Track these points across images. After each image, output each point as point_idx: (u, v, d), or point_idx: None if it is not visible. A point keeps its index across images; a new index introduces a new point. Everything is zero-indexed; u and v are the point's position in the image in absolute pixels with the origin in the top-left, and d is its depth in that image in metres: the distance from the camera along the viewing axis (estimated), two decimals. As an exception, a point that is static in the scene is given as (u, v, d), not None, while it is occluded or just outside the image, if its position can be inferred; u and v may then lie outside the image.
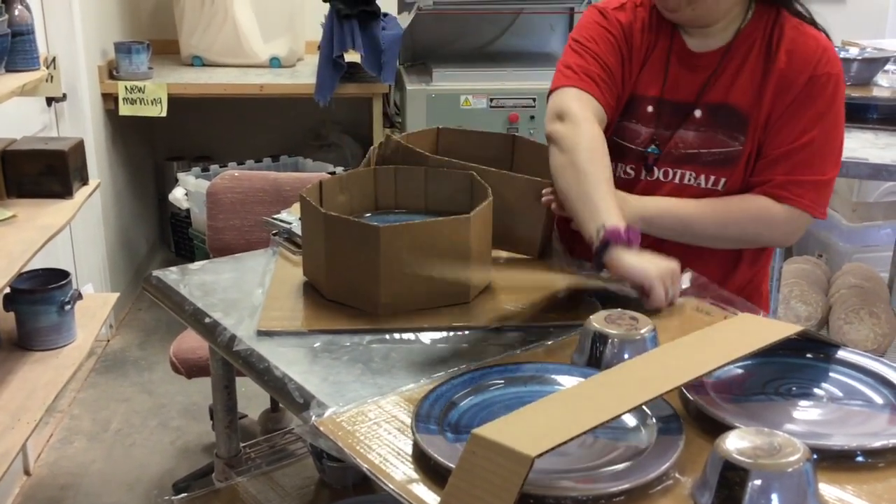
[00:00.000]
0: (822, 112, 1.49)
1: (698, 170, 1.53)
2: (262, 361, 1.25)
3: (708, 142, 1.53)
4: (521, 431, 0.90)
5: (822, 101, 1.49)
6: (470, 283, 1.38)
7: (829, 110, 1.49)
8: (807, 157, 1.49)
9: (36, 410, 1.96)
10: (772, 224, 1.51)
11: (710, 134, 1.53)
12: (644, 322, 1.18)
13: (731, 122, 1.52)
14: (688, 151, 1.54)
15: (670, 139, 1.55)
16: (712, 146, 1.53)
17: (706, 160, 1.53)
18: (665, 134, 1.56)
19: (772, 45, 1.51)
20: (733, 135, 1.52)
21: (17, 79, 2.10)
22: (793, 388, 1.12)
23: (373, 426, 1.06)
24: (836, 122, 1.51)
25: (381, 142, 1.61)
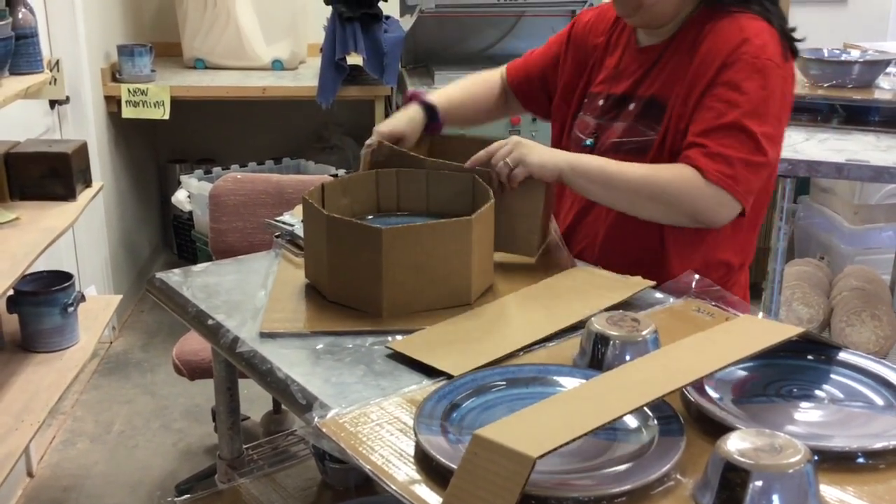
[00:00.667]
0: (738, 99, 1.47)
1: (619, 159, 1.56)
2: (265, 363, 1.25)
3: (629, 131, 1.59)
4: (523, 432, 0.90)
5: (738, 86, 1.48)
6: (472, 285, 1.38)
7: (748, 96, 1.47)
8: (728, 135, 1.48)
9: (39, 412, 1.96)
10: (693, 191, 1.46)
11: (633, 124, 1.59)
12: (646, 324, 1.18)
13: (652, 113, 1.57)
14: (612, 141, 1.61)
15: (607, 130, 1.63)
16: (632, 135, 1.59)
17: (625, 149, 1.59)
18: (604, 126, 1.64)
19: (700, 37, 1.54)
20: (651, 124, 1.57)
21: (21, 82, 2.10)
22: (794, 389, 1.13)
23: (375, 427, 1.06)
24: (760, 109, 1.47)
25: (373, 148, 1.62)
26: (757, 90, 1.48)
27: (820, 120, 2.52)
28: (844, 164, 2.17)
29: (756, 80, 1.48)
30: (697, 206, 1.47)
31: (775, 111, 1.50)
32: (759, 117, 1.48)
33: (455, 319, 1.34)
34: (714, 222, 1.50)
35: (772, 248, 2.37)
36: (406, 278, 1.34)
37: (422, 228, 1.34)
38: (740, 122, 1.47)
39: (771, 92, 1.48)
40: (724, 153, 1.47)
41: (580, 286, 1.44)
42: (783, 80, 1.52)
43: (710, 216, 1.48)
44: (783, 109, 1.53)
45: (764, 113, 1.48)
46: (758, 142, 1.47)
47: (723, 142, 1.47)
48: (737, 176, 1.46)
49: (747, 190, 1.48)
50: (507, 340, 1.26)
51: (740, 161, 1.47)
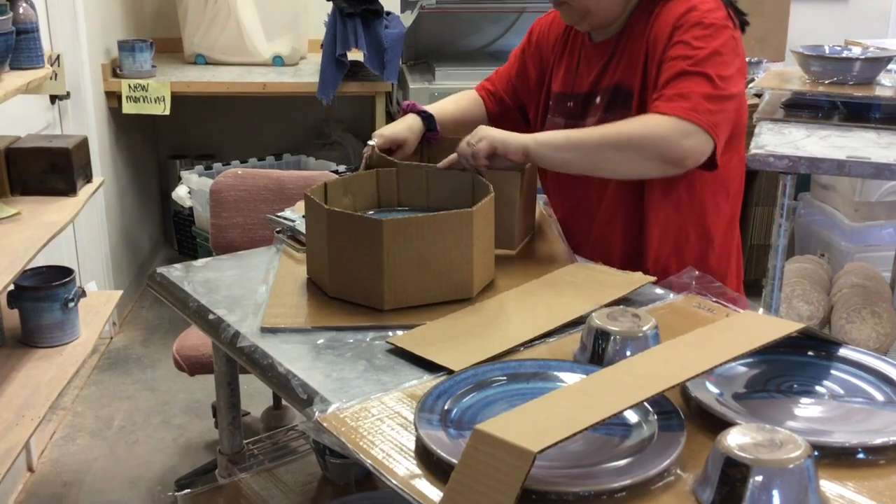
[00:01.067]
0: (690, 52, 1.49)
1: None
2: (266, 358, 1.25)
3: (600, 123, 1.59)
4: (524, 427, 0.90)
5: (688, 42, 1.50)
6: (473, 279, 1.39)
7: (699, 49, 1.49)
8: (683, 80, 1.48)
9: (39, 407, 1.96)
10: (656, 130, 1.45)
11: (603, 116, 1.61)
12: (646, 319, 1.18)
13: (619, 100, 1.59)
14: None
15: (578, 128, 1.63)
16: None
17: None
18: (574, 125, 1.65)
19: (650, 20, 1.56)
20: (621, 112, 1.58)
21: (22, 77, 2.10)
22: (794, 385, 1.13)
23: (376, 422, 1.06)
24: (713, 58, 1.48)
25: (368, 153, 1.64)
26: (707, 43, 1.50)
27: (821, 117, 2.51)
28: (845, 161, 2.17)
29: (706, 37, 1.50)
30: (663, 144, 1.43)
31: (729, 60, 1.50)
32: (712, 64, 1.49)
33: (456, 315, 1.34)
34: (684, 158, 1.45)
35: (772, 244, 2.37)
36: (407, 271, 1.34)
37: (423, 220, 1.35)
38: (694, 68, 1.48)
39: (722, 44, 1.50)
40: (681, 92, 1.48)
41: (580, 282, 1.44)
42: (734, 40, 1.53)
43: (678, 151, 1.44)
44: (737, 63, 1.53)
45: (718, 62, 1.49)
46: (713, 80, 1.48)
47: (679, 86, 1.48)
48: (697, 107, 1.45)
49: (711, 121, 1.45)
50: (507, 336, 1.27)
51: (698, 94, 1.47)
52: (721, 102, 1.47)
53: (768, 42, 3.94)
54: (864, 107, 2.51)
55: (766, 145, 2.22)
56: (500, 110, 1.85)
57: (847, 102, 2.53)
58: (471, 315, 1.35)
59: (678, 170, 1.48)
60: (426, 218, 1.35)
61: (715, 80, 1.47)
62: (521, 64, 1.82)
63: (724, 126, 1.49)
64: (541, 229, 1.71)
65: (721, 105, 1.48)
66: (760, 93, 2.72)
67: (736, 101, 1.53)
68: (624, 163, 1.47)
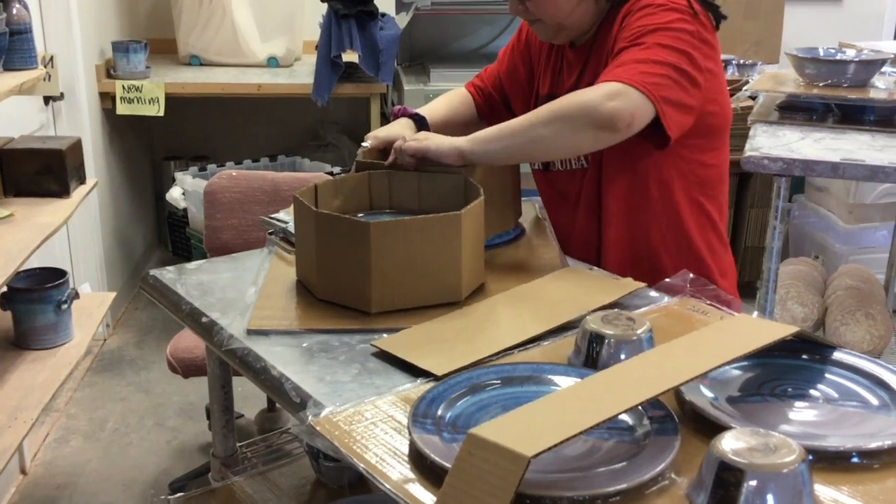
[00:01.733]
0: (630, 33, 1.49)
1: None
2: (259, 361, 1.25)
3: None
4: (518, 431, 0.90)
5: (631, 24, 1.50)
6: (462, 282, 1.38)
7: (641, 27, 1.48)
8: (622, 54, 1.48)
9: (32, 409, 1.96)
10: (582, 97, 1.42)
11: None
12: (640, 323, 1.18)
13: None
14: None
15: None
16: None
17: None
18: None
19: (618, 17, 1.56)
20: None
21: (15, 78, 2.10)
22: (788, 389, 1.13)
23: (369, 426, 1.06)
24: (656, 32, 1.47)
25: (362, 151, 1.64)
26: (651, 20, 1.48)
27: (815, 119, 2.52)
28: (840, 164, 2.17)
29: (649, 15, 1.49)
30: (588, 108, 1.39)
31: (677, 36, 1.47)
32: (654, 36, 1.47)
33: (443, 318, 1.34)
34: (613, 118, 1.38)
35: (766, 247, 2.37)
36: (395, 274, 1.34)
37: (410, 223, 1.34)
38: (632, 42, 1.47)
39: (670, 21, 1.48)
40: (616, 64, 1.47)
41: (571, 287, 1.44)
42: (686, 22, 1.48)
43: (604, 113, 1.38)
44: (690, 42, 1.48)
45: (661, 35, 1.47)
46: (651, 48, 1.45)
47: (616, 61, 1.48)
48: (627, 70, 1.43)
49: (644, 81, 1.41)
50: (493, 341, 1.26)
51: (630, 60, 1.45)
52: (659, 66, 1.44)
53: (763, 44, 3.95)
54: (859, 109, 2.52)
55: (761, 147, 2.22)
56: (489, 108, 1.85)
57: (841, 105, 2.53)
58: (458, 319, 1.34)
59: (614, 134, 1.40)
60: (414, 220, 1.35)
61: (652, 48, 1.45)
62: (511, 61, 1.81)
63: (668, 90, 1.43)
64: (534, 231, 1.70)
65: (659, 69, 1.44)
66: (755, 95, 2.72)
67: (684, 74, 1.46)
68: (557, 137, 1.42)
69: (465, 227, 1.36)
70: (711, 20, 1.56)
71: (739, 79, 3.42)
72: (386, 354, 1.25)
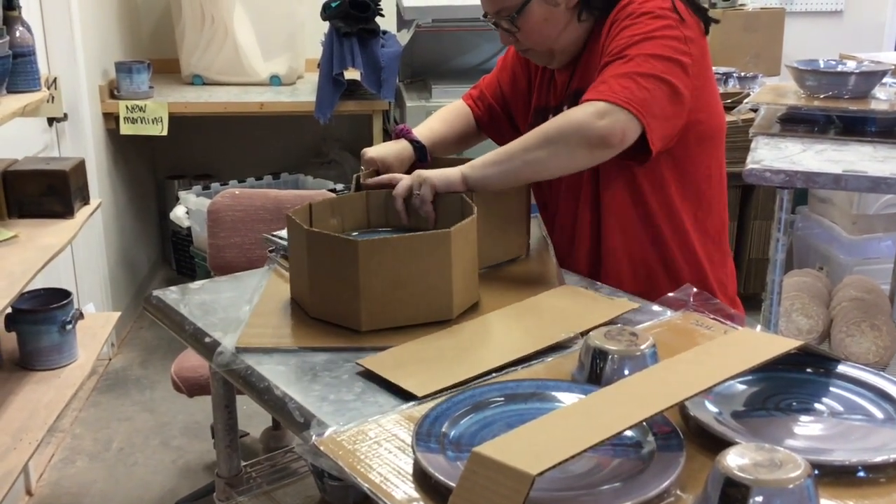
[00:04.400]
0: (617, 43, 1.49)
1: None
2: (262, 381, 1.25)
3: None
4: (522, 449, 0.90)
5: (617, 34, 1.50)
6: (453, 301, 1.38)
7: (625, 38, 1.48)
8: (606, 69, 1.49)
9: (37, 430, 1.96)
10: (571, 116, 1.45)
11: None
12: (644, 338, 1.18)
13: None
14: None
15: None
16: None
17: None
18: None
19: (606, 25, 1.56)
20: None
21: (19, 100, 2.11)
22: (793, 403, 1.12)
23: (373, 445, 1.05)
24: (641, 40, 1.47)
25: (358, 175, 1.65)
26: (635, 30, 1.49)
27: (816, 131, 2.52)
28: (842, 175, 2.17)
29: (632, 25, 1.49)
30: (581, 129, 1.43)
31: (661, 44, 1.47)
32: (637, 47, 1.47)
33: (430, 337, 1.33)
34: (605, 137, 1.42)
35: (770, 259, 2.36)
36: (384, 292, 1.34)
37: (399, 241, 1.34)
38: (615, 56, 1.48)
39: (654, 30, 1.48)
40: (600, 80, 1.48)
41: (564, 306, 1.43)
42: (671, 28, 1.48)
43: (595, 132, 1.42)
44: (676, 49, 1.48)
45: (645, 45, 1.47)
46: (633, 59, 1.46)
47: (601, 77, 1.49)
48: (611, 87, 1.44)
49: (629, 97, 1.43)
50: (479, 361, 1.25)
51: (613, 76, 1.46)
52: (643, 79, 1.45)
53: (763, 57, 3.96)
54: (860, 120, 2.52)
55: (763, 160, 2.22)
56: (488, 118, 1.84)
57: (843, 116, 2.53)
58: (446, 338, 1.33)
59: (608, 150, 1.45)
60: (403, 238, 1.35)
61: (636, 59, 1.46)
62: (510, 70, 1.81)
63: (653, 103, 1.45)
64: (535, 247, 1.70)
65: (643, 82, 1.45)
66: (756, 107, 2.73)
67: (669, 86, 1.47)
68: (554, 158, 1.47)
69: (456, 244, 1.36)
70: (700, 24, 1.56)
71: (740, 91, 3.43)
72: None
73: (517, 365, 1.25)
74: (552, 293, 1.48)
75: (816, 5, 4.21)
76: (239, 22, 3.70)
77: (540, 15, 1.55)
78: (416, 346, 1.30)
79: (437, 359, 1.27)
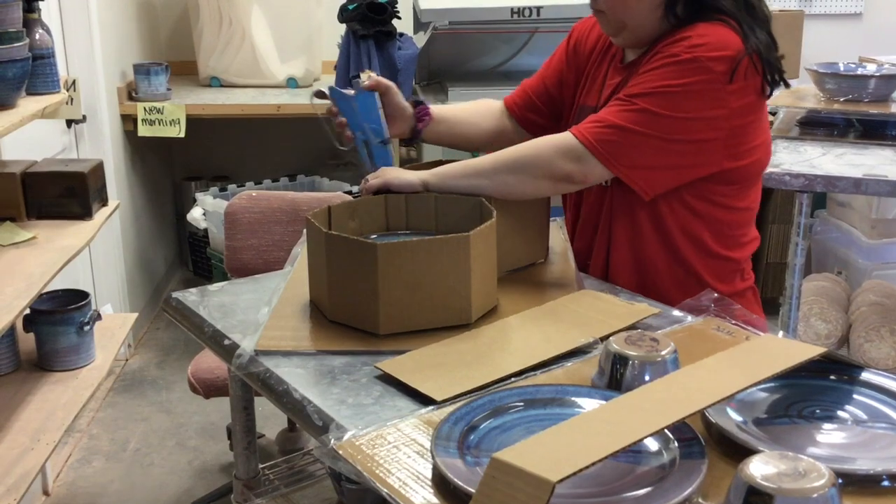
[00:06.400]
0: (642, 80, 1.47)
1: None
2: (281, 384, 1.25)
3: None
4: (543, 455, 0.89)
5: (648, 72, 1.47)
6: (472, 305, 1.37)
7: (651, 82, 1.45)
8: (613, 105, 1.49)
9: (55, 431, 1.96)
10: (543, 148, 1.50)
11: None
12: (665, 343, 1.17)
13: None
14: None
15: None
16: None
17: None
18: None
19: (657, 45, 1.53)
20: None
21: (38, 102, 2.12)
22: (816, 410, 1.11)
23: (392, 449, 1.05)
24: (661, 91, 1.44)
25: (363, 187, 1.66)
26: (666, 77, 1.44)
27: (836, 134, 2.50)
28: (862, 179, 2.15)
29: (666, 69, 1.45)
30: (546, 164, 1.49)
31: (684, 103, 1.43)
32: (653, 97, 1.44)
33: (449, 341, 1.32)
34: (569, 176, 1.48)
35: (789, 263, 2.35)
36: (403, 296, 1.33)
37: (418, 244, 1.34)
38: (628, 96, 1.46)
39: (687, 84, 1.43)
40: (593, 117, 1.49)
41: (583, 311, 1.41)
42: (713, 88, 1.43)
43: (560, 171, 1.48)
44: (700, 110, 1.44)
45: (663, 102, 1.43)
46: (640, 115, 1.44)
47: (605, 110, 1.48)
48: (594, 130, 1.46)
49: (609, 150, 1.45)
50: (497, 366, 1.24)
51: (607, 118, 1.46)
52: (634, 136, 1.44)
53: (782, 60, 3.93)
54: (880, 124, 2.50)
55: (782, 164, 2.21)
56: (532, 118, 1.78)
57: (863, 120, 2.52)
58: (465, 342, 1.33)
59: (571, 186, 1.54)
60: (422, 242, 1.34)
61: (640, 114, 1.44)
62: (557, 68, 1.75)
63: (639, 157, 1.46)
64: (554, 252, 1.69)
65: (633, 139, 1.45)
66: (775, 111, 2.71)
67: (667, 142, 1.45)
68: (520, 184, 1.52)
69: (475, 248, 1.36)
70: (761, 86, 1.48)
71: (759, 94, 3.40)
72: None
73: (537, 370, 1.25)
74: (571, 297, 1.47)
75: (836, 8, 4.18)
76: (256, 24, 3.71)
77: None
78: (434, 350, 1.30)
79: (455, 363, 1.27)
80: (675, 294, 1.50)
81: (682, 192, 1.52)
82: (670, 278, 1.57)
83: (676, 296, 1.48)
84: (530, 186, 1.53)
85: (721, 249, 1.57)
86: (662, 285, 1.56)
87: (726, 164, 1.50)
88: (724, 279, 1.58)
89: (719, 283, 1.55)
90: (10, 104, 2.02)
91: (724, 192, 1.54)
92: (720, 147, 1.48)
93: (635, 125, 1.45)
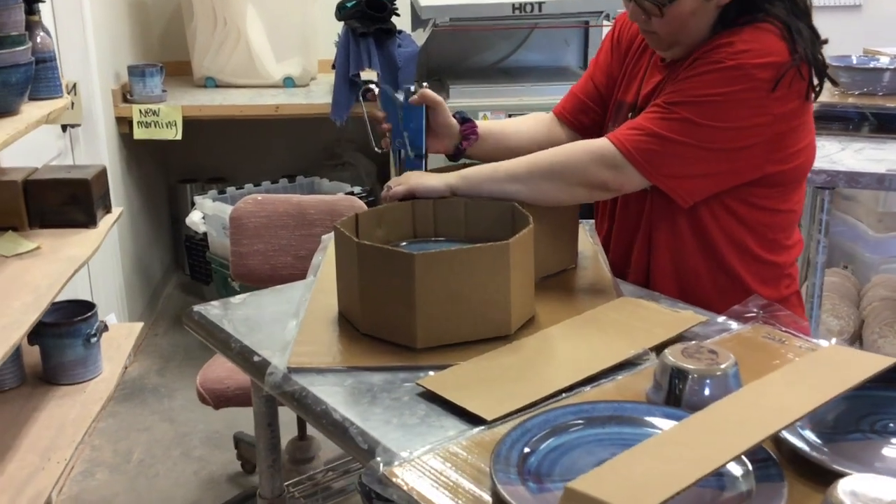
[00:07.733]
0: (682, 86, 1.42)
1: None
2: (319, 404, 1.19)
3: None
4: (620, 484, 0.84)
5: (689, 77, 1.43)
6: (511, 316, 1.32)
7: (693, 89, 1.41)
8: (648, 111, 1.45)
9: (65, 449, 1.90)
10: (580, 155, 1.46)
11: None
12: (724, 356, 1.12)
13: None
14: None
15: None
16: None
17: None
18: None
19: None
20: None
21: (42, 108, 2.04)
22: (890, 424, 1.06)
23: (446, 475, 1.00)
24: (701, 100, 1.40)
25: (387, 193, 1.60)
26: (707, 86, 1.40)
27: (851, 129, 2.46)
28: (886, 175, 2.12)
29: (708, 76, 1.40)
30: (584, 172, 1.45)
31: (725, 112, 1.39)
32: (695, 106, 1.40)
33: (491, 354, 1.27)
34: (605, 184, 1.45)
35: (811, 261, 2.31)
36: (441, 307, 1.28)
37: (456, 254, 1.28)
38: (668, 103, 1.42)
39: (728, 93, 1.38)
40: (632, 124, 1.44)
41: (626, 320, 1.36)
42: (757, 97, 1.38)
43: (597, 178, 1.45)
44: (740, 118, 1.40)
45: (703, 108, 1.39)
46: (677, 125, 1.40)
47: (643, 115, 1.44)
48: (633, 139, 1.42)
49: (648, 159, 1.41)
50: (546, 381, 1.19)
51: (645, 127, 1.42)
52: (671, 145, 1.40)
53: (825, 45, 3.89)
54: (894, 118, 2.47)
55: (804, 161, 2.17)
56: (585, 120, 1.72)
57: (878, 113, 2.48)
58: (507, 355, 1.28)
59: (606, 193, 1.50)
60: (460, 251, 1.29)
61: (677, 123, 1.40)
62: (606, 66, 1.69)
63: (677, 166, 1.42)
64: (585, 257, 1.64)
65: (671, 148, 1.41)
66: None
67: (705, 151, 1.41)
68: (554, 191, 1.48)
69: (514, 257, 1.30)
70: (805, 92, 1.43)
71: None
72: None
73: (586, 384, 1.20)
74: (611, 306, 1.42)
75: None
76: (251, 23, 3.64)
77: (689, 7, 1.43)
78: (476, 365, 1.25)
79: (500, 378, 1.21)
80: (717, 301, 1.45)
81: (724, 196, 1.48)
82: (713, 285, 1.52)
83: (718, 303, 1.43)
84: (565, 193, 1.49)
85: (765, 253, 1.52)
86: (704, 292, 1.51)
87: (769, 168, 1.45)
88: (769, 284, 1.53)
89: (765, 287, 1.50)
90: (14, 110, 1.95)
91: (767, 195, 1.49)
92: (762, 153, 1.43)
93: (676, 134, 1.40)
